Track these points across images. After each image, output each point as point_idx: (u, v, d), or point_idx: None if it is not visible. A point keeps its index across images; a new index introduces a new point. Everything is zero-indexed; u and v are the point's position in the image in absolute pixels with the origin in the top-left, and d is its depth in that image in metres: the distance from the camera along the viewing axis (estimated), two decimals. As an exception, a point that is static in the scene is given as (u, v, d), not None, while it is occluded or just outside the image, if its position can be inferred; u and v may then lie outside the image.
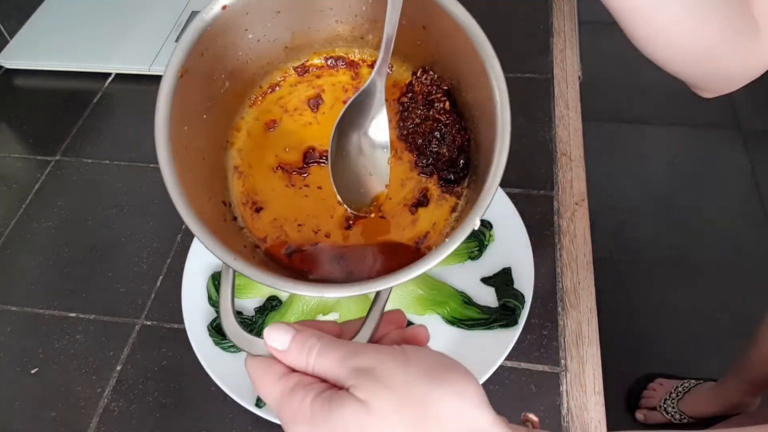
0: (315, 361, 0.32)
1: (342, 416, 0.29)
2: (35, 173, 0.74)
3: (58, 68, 0.86)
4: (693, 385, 1.24)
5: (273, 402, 0.32)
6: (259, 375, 0.33)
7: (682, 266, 1.50)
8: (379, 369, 0.30)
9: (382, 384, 0.29)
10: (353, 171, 0.41)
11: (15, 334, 0.60)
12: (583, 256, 0.61)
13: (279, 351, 0.33)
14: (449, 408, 0.29)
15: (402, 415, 0.29)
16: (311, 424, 0.30)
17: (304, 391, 0.31)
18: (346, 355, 0.31)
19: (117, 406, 0.55)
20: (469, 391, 0.30)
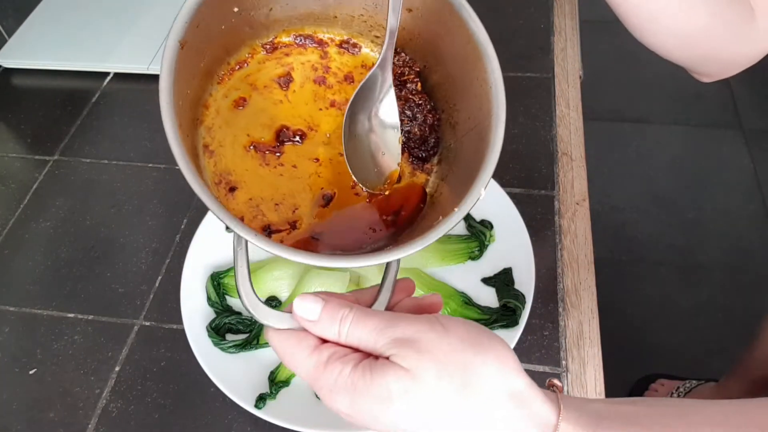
0: (349, 331, 0.32)
1: (386, 384, 0.30)
2: (33, 173, 0.74)
3: (56, 67, 0.85)
4: (694, 386, 1.23)
5: (307, 375, 0.32)
6: (290, 348, 0.33)
7: (684, 266, 1.49)
8: (419, 338, 0.31)
9: (424, 353, 0.30)
10: (366, 152, 0.42)
11: (13, 334, 0.60)
12: (584, 256, 0.61)
13: (310, 321, 0.33)
14: (490, 373, 0.30)
15: (446, 382, 0.30)
16: (353, 393, 0.31)
17: (342, 362, 0.31)
18: (383, 325, 0.32)
19: (115, 407, 0.54)
20: (507, 356, 0.31)
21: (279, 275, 0.59)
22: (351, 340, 0.32)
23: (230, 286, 0.59)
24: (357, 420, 0.32)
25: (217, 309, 0.57)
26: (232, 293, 0.59)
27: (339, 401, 0.31)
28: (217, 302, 0.57)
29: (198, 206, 0.68)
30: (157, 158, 0.74)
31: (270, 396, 0.51)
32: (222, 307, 0.57)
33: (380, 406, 0.30)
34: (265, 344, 0.55)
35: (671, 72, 2.08)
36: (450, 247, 0.60)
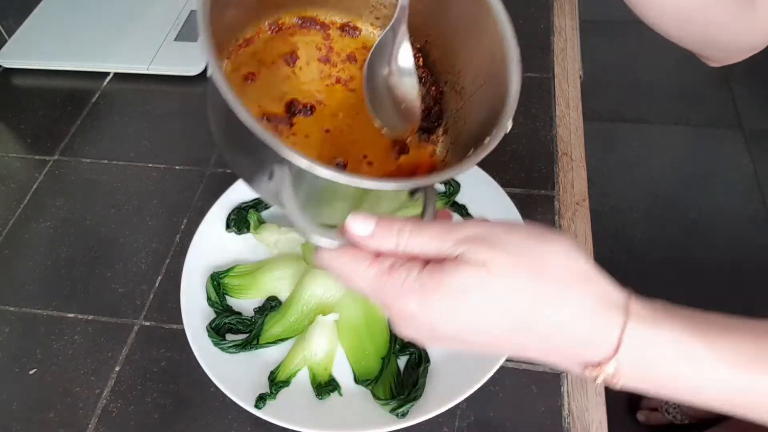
0: (408, 240, 0.32)
1: (460, 279, 0.30)
2: (33, 173, 0.74)
3: (56, 67, 0.85)
4: (694, 386, 1.23)
5: (369, 286, 0.33)
6: (348, 263, 0.33)
7: (684, 266, 1.49)
8: (487, 235, 0.32)
9: (495, 246, 0.31)
10: (387, 101, 0.44)
11: (13, 334, 0.60)
12: (584, 256, 0.61)
13: (364, 237, 0.33)
14: (560, 260, 0.31)
15: (521, 272, 0.31)
16: (423, 294, 0.31)
17: (406, 268, 0.32)
18: (446, 230, 0.32)
19: (115, 407, 0.54)
20: (572, 245, 0.32)
21: (279, 275, 0.59)
22: (412, 248, 0.32)
23: (230, 286, 0.59)
24: (423, 326, 0.32)
25: (217, 309, 0.57)
26: (232, 293, 0.59)
27: (407, 304, 0.31)
28: (217, 302, 0.57)
29: (198, 206, 0.68)
30: (157, 158, 0.74)
31: (270, 396, 0.51)
32: (222, 307, 0.57)
33: (454, 302, 0.31)
34: (265, 344, 0.55)
35: (671, 72, 2.08)
36: (450, 247, 0.60)
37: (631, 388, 0.32)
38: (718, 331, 0.33)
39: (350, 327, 0.56)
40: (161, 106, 0.80)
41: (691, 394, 0.32)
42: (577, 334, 0.31)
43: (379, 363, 0.53)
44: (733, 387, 0.31)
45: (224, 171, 0.72)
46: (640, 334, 0.31)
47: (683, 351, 0.31)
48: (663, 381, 0.32)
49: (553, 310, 0.31)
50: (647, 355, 0.31)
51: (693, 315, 0.33)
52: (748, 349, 0.32)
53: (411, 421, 0.48)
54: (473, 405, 0.52)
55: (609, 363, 0.31)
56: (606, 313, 0.31)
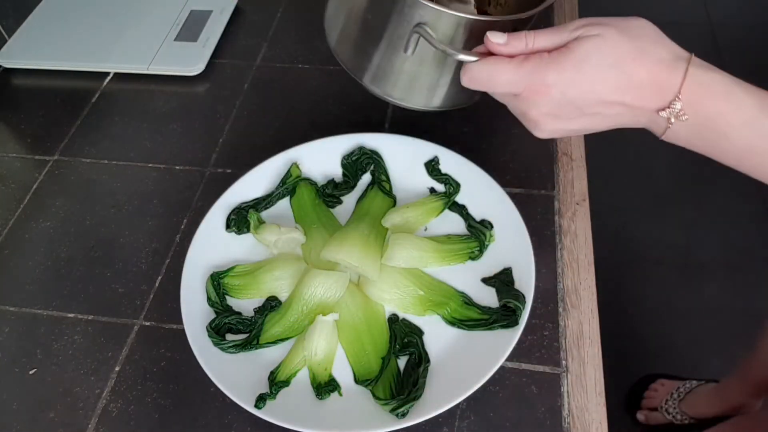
0: (535, 39, 0.43)
1: (582, 49, 0.42)
2: (33, 173, 0.74)
3: (56, 68, 0.85)
4: (694, 386, 1.23)
5: (510, 76, 0.43)
6: (490, 64, 0.44)
7: (684, 266, 1.49)
8: (596, 20, 0.43)
9: (605, 25, 0.42)
10: None
11: (13, 334, 0.60)
12: (584, 257, 0.61)
13: (500, 44, 0.44)
14: (648, 31, 0.43)
15: (628, 40, 0.42)
16: (557, 64, 0.42)
17: (538, 55, 0.43)
18: (562, 26, 0.43)
19: (116, 407, 0.54)
20: (649, 22, 0.43)
21: (279, 275, 0.59)
22: (538, 44, 0.43)
23: (230, 286, 0.59)
24: (555, 95, 0.43)
25: (217, 309, 0.57)
26: (232, 293, 0.59)
27: (545, 77, 0.42)
28: (217, 302, 0.57)
29: (198, 206, 0.68)
30: (157, 158, 0.74)
31: (270, 396, 0.51)
32: (222, 307, 0.57)
33: (581, 64, 0.42)
34: (265, 344, 0.55)
35: (671, 72, 2.05)
36: (450, 247, 0.60)
37: (692, 138, 0.43)
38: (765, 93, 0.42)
39: (350, 327, 0.56)
40: (161, 106, 0.80)
41: (737, 139, 0.42)
42: (657, 77, 0.41)
43: (379, 363, 0.53)
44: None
45: (224, 171, 0.72)
46: (699, 73, 0.41)
47: (733, 94, 0.41)
48: (717, 124, 0.42)
49: (646, 59, 0.41)
50: (704, 94, 0.41)
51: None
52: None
53: (411, 421, 0.48)
54: (473, 405, 0.52)
55: (676, 101, 0.41)
56: (675, 62, 0.41)
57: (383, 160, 0.67)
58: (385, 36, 0.54)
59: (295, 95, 0.80)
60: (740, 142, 0.42)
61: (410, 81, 0.57)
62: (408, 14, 0.50)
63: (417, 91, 0.58)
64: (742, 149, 0.42)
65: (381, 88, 0.58)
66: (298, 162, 0.67)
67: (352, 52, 0.59)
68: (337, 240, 0.58)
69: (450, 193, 0.64)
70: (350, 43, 0.59)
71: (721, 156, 0.44)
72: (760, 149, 0.42)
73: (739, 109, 0.41)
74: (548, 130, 0.46)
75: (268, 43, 0.87)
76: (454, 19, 0.49)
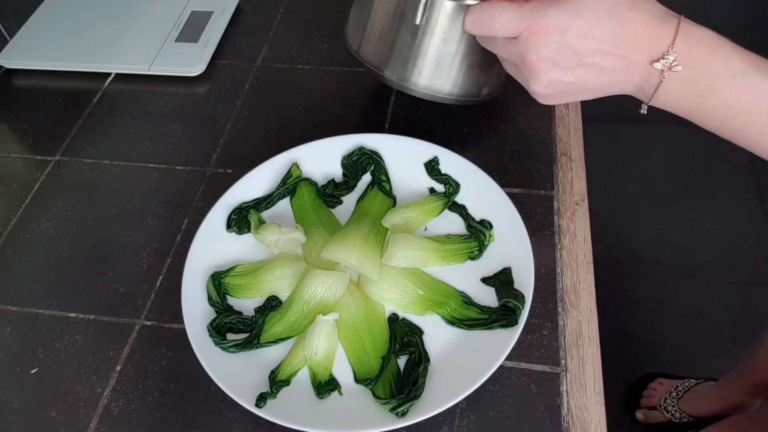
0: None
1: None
2: (35, 173, 0.74)
3: (57, 68, 0.86)
4: (693, 385, 1.24)
5: (511, 18, 0.45)
6: (494, 5, 0.46)
7: (683, 266, 1.50)
8: None
9: None
10: None
11: (14, 334, 0.60)
12: (583, 256, 0.61)
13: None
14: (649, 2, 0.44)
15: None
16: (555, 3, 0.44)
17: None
18: None
19: (117, 407, 0.55)
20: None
21: (279, 275, 0.59)
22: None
23: (231, 285, 0.59)
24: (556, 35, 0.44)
25: (218, 309, 0.57)
26: (232, 293, 0.59)
27: (546, 16, 0.43)
28: (217, 302, 0.58)
29: (199, 206, 0.68)
30: (158, 158, 0.74)
31: (270, 395, 0.51)
32: (223, 307, 0.58)
33: (578, 7, 0.43)
34: (265, 344, 0.55)
35: (671, 72, 2.04)
36: (450, 247, 0.60)
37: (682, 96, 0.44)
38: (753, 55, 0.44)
39: (350, 326, 0.56)
40: (162, 106, 0.80)
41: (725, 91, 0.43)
42: (650, 28, 0.43)
43: (379, 362, 0.54)
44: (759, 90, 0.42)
45: (225, 171, 0.72)
46: (690, 28, 0.43)
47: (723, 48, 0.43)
48: (707, 77, 0.43)
49: (640, 11, 0.43)
50: (695, 46, 0.43)
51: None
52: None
53: (411, 420, 0.49)
54: (473, 404, 0.52)
55: (669, 52, 0.42)
56: (667, 17, 0.43)
57: (383, 160, 0.67)
58: (401, 14, 0.60)
59: (296, 96, 0.80)
60: (728, 95, 0.43)
61: (434, 66, 0.62)
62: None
63: (441, 76, 0.62)
64: (728, 106, 0.44)
65: (405, 79, 0.63)
66: (298, 162, 0.67)
67: (375, 48, 0.64)
68: (337, 240, 0.59)
69: (450, 193, 0.64)
70: (373, 41, 0.64)
71: (706, 116, 0.45)
72: (746, 105, 0.43)
73: (729, 62, 0.43)
74: (545, 80, 0.46)
75: (268, 43, 0.87)
76: None
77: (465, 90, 0.64)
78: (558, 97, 0.49)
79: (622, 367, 1.32)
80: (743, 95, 0.43)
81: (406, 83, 0.64)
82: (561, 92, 0.48)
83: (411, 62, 0.62)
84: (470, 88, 0.64)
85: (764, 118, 0.43)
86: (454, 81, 0.63)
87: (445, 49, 0.60)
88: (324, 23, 0.90)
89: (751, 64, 0.43)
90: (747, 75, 0.43)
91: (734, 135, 0.45)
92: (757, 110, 0.43)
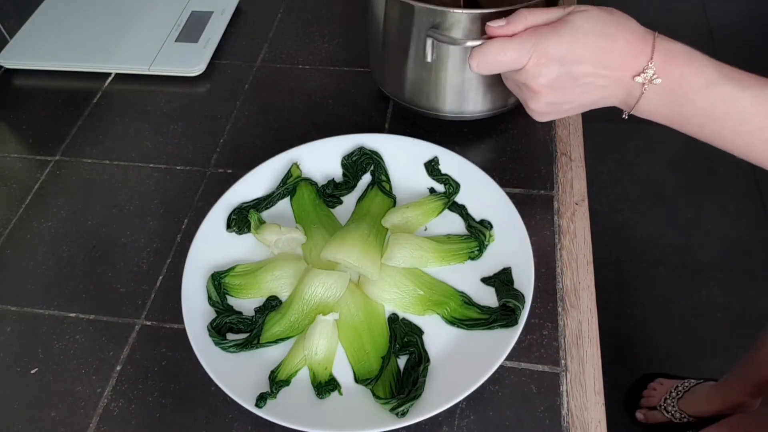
0: (533, 17, 0.49)
1: (576, 19, 0.47)
2: (35, 173, 0.74)
3: (57, 68, 0.86)
4: (693, 385, 1.24)
5: (513, 49, 0.48)
6: (495, 44, 0.49)
7: (683, 266, 1.50)
8: (583, 6, 0.48)
9: (590, 7, 0.48)
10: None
11: (14, 334, 0.60)
12: (583, 256, 0.61)
13: (500, 27, 0.49)
14: (628, 18, 0.48)
15: (608, 14, 0.48)
16: (556, 32, 0.47)
17: (536, 28, 0.49)
18: (556, 9, 0.49)
19: (117, 406, 0.55)
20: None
21: (279, 275, 0.59)
22: (536, 20, 0.49)
23: (231, 285, 0.59)
24: (555, 60, 0.47)
25: (218, 308, 0.57)
26: (232, 293, 0.59)
27: (547, 45, 0.47)
28: (217, 302, 0.58)
29: (199, 206, 0.68)
30: (158, 158, 0.74)
31: (270, 395, 0.51)
32: (223, 307, 0.58)
33: (575, 30, 0.47)
34: (265, 344, 0.55)
35: (670, 72, 2.04)
36: (450, 246, 0.60)
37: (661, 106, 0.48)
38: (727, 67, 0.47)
39: (350, 326, 0.56)
40: (162, 106, 0.80)
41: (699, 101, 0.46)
42: (632, 45, 0.47)
43: (379, 362, 0.54)
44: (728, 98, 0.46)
45: (225, 171, 0.72)
46: (665, 43, 0.47)
47: (694, 59, 0.47)
48: (681, 87, 0.46)
49: (623, 29, 0.47)
50: (671, 59, 0.46)
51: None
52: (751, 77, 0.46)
53: (411, 420, 0.49)
54: (473, 404, 0.52)
55: (649, 66, 0.46)
56: (644, 35, 0.47)
57: (383, 160, 0.67)
58: (414, 54, 0.66)
59: (296, 96, 0.80)
60: (702, 105, 0.47)
61: (455, 93, 0.68)
62: (419, 22, 0.62)
63: (465, 99, 0.69)
64: (702, 114, 0.47)
65: (433, 108, 0.70)
66: (298, 162, 0.67)
67: (398, 83, 0.71)
68: (337, 240, 0.59)
69: (450, 193, 0.64)
70: (395, 77, 0.71)
71: (685, 123, 0.48)
72: (718, 112, 0.46)
73: (700, 71, 0.46)
74: (544, 102, 0.51)
75: (268, 43, 0.87)
76: (456, 17, 0.59)
77: (492, 105, 0.69)
78: (553, 114, 0.53)
79: (622, 367, 1.32)
80: (715, 103, 0.46)
81: (435, 111, 0.71)
82: (556, 110, 0.52)
83: (433, 94, 0.69)
84: (496, 101, 0.69)
85: (735, 123, 0.46)
86: (476, 101, 0.68)
87: (461, 78, 0.66)
88: (324, 23, 0.90)
89: (721, 74, 0.46)
90: (718, 84, 0.46)
91: (711, 139, 0.48)
92: (729, 116, 0.46)
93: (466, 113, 0.70)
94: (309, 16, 0.91)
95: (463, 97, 0.69)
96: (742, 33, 1.99)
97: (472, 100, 0.68)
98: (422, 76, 0.68)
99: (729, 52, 1.87)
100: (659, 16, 1.95)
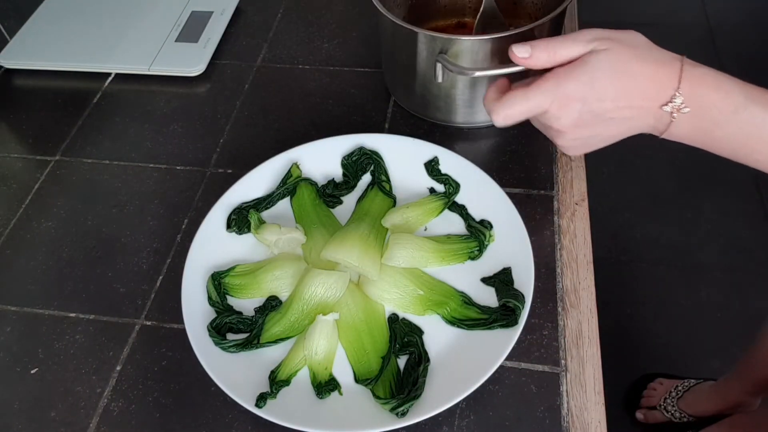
0: (557, 52, 0.48)
1: (597, 60, 0.46)
2: (35, 173, 0.74)
3: (57, 68, 0.86)
4: (692, 385, 1.24)
5: (540, 101, 0.48)
6: (518, 97, 0.49)
7: (682, 266, 1.50)
8: (606, 35, 0.48)
9: (615, 41, 0.47)
10: None
11: (15, 334, 0.60)
12: (583, 256, 0.61)
13: (525, 58, 0.49)
14: (651, 47, 0.48)
15: (629, 50, 0.47)
16: (574, 75, 0.47)
17: (554, 71, 0.48)
18: (577, 37, 0.48)
19: (117, 407, 0.55)
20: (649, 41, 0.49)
21: (279, 275, 0.59)
22: (561, 57, 0.48)
23: (231, 285, 0.59)
24: (577, 101, 0.47)
25: (218, 308, 0.57)
26: (232, 293, 0.59)
27: (567, 87, 0.47)
28: (217, 302, 0.58)
29: (199, 206, 0.68)
30: (158, 158, 0.74)
31: (270, 395, 0.51)
32: (223, 307, 0.58)
33: (596, 72, 0.46)
34: (265, 344, 0.55)
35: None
36: (450, 246, 0.60)
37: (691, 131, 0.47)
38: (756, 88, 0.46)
39: (350, 326, 0.56)
40: (162, 106, 0.80)
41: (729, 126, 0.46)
42: (657, 75, 0.46)
43: (379, 362, 0.54)
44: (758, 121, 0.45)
45: (225, 171, 0.72)
46: (692, 69, 0.46)
47: (723, 84, 0.46)
48: (711, 114, 0.46)
49: (645, 63, 0.46)
50: (699, 86, 0.46)
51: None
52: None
53: (411, 420, 0.49)
54: (473, 404, 0.52)
55: (677, 95, 0.45)
56: (671, 62, 0.46)
57: (383, 160, 0.67)
58: (425, 75, 0.68)
59: (296, 96, 0.80)
60: (732, 129, 0.46)
61: (466, 106, 0.70)
62: (427, 47, 0.64)
63: (476, 111, 0.71)
64: (733, 137, 0.47)
65: (446, 120, 0.73)
66: (298, 162, 0.67)
67: (411, 97, 0.74)
68: (337, 240, 0.59)
69: (450, 193, 0.64)
70: (408, 91, 0.74)
71: (717, 146, 0.48)
72: (751, 136, 0.46)
73: (728, 97, 0.45)
74: (570, 139, 0.51)
75: (268, 43, 0.87)
76: (462, 44, 0.61)
77: None
78: (583, 148, 0.53)
79: (622, 367, 1.32)
80: (745, 127, 0.46)
81: (448, 122, 0.73)
82: (584, 144, 0.52)
83: (446, 107, 0.71)
84: None
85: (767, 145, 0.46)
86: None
87: (471, 93, 0.69)
88: (324, 23, 0.90)
89: (749, 98, 0.45)
90: (747, 108, 0.45)
91: (747, 161, 0.48)
92: (761, 139, 0.46)
93: (478, 123, 0.73)
94: (309, 16, 0.91)
95: (474, 110, 0.71)
96: (742, 33, 1.99)
97: (482, 111, 0.68)
98: (433, 92, 0.70)
99: (729, 52, 1.87)
100: (659, 16, 1.95)
